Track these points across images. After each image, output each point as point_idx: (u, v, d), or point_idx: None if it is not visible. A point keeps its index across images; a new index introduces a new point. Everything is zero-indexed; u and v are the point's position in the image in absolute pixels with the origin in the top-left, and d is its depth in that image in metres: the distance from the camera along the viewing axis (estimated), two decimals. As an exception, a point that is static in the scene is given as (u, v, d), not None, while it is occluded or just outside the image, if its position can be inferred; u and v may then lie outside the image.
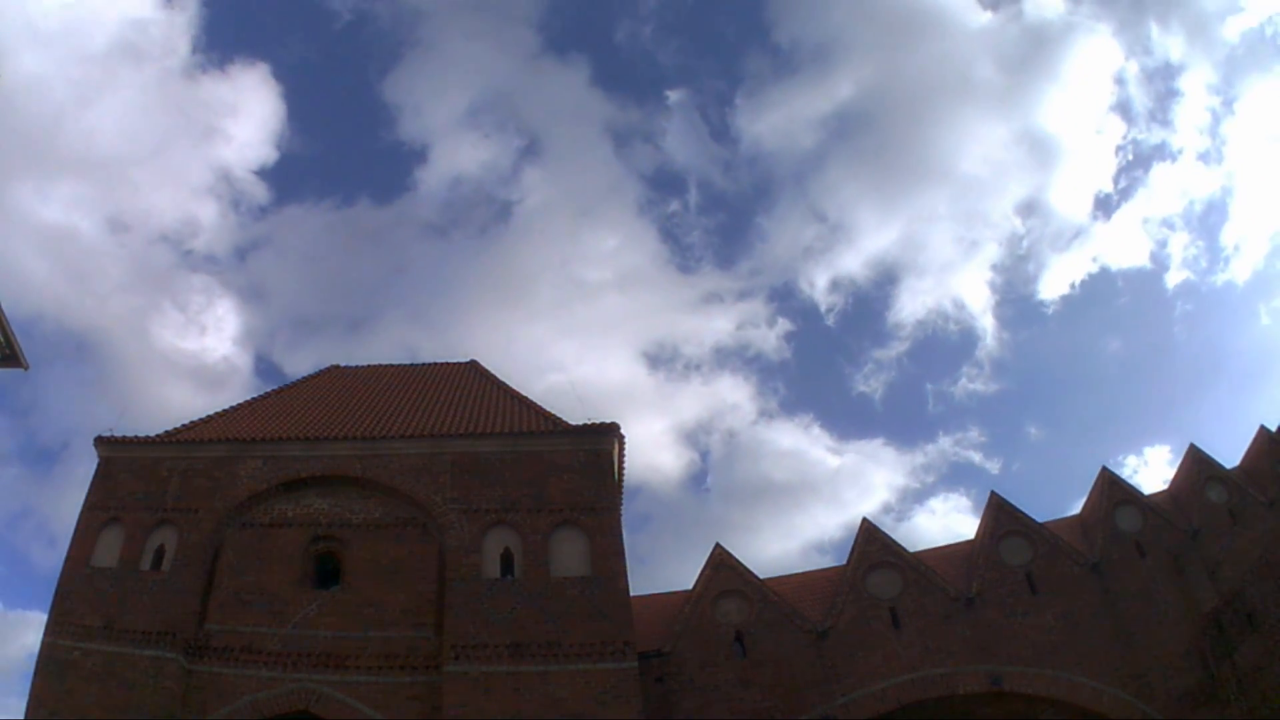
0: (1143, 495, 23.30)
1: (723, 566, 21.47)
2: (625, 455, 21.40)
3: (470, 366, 27.34)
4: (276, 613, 17.81)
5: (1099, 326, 69.94)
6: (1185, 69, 71.43)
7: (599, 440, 20.20)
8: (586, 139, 72.69)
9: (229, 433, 20.99)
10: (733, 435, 70.77)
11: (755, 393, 72.59)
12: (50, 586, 18.17)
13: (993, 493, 22.91)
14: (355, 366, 28.46)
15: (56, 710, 16.22)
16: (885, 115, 72.35)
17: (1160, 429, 69.11)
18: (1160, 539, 22.12)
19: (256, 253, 72.35)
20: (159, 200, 69.47)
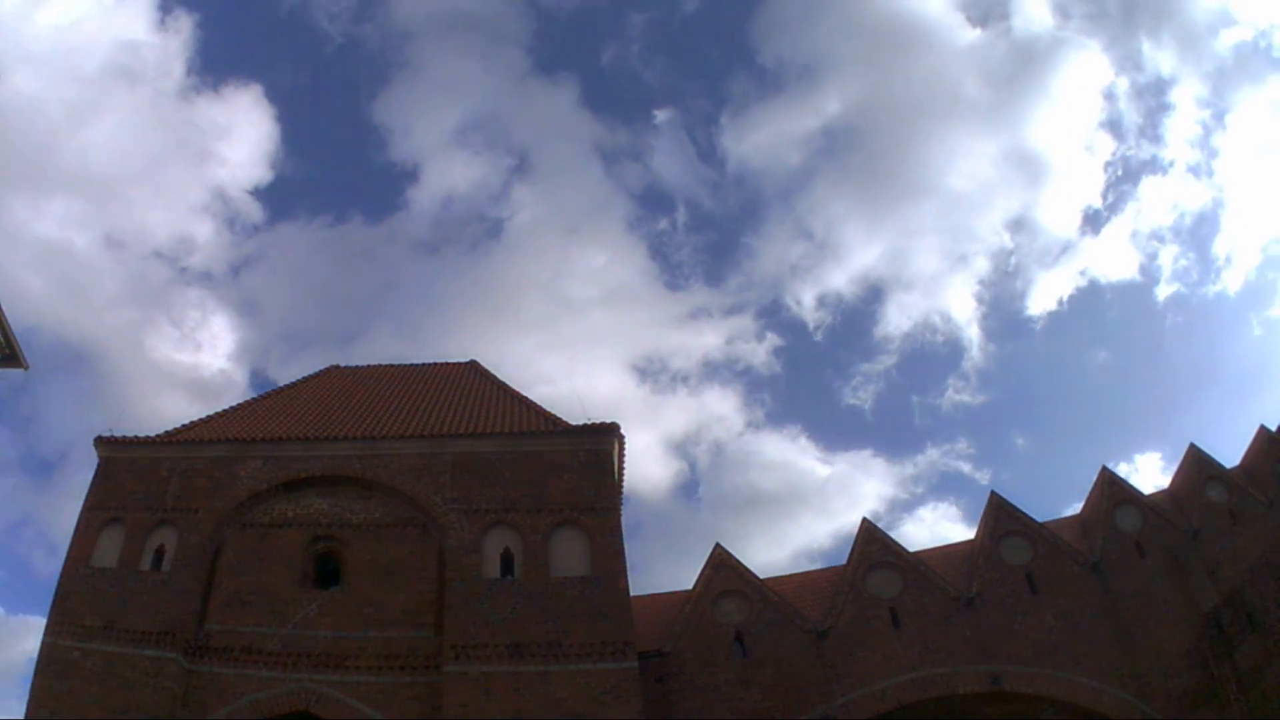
0: (1143, 495, 23.30)
1: (723, 566, 21.47)
2: (625, 455, 21.42)
3: (470, 366, 27.31)
4: (276, 613, 17.80)
5: (1088, 339, 70.29)
6: (1176, 82, 71.58)
7: (599, 440, 20.19)
8: (576, 157, 73.31)
9: (229, 433, 20.98)
10: (723, 446, 71.23)
11: (745, 404, 73.00)
12: (51, 591, 18.21)
13: (992, 493, 22.95)
14: (355, 366, 28.42)
15: (56, 710, 16.21)
16: (873, 132, 72.53)
17: (1153, 435, 69.27)
18: (1160, 539, 22.13)
19: (251, 269, 72.95)
20: (154, 217, 70.43)
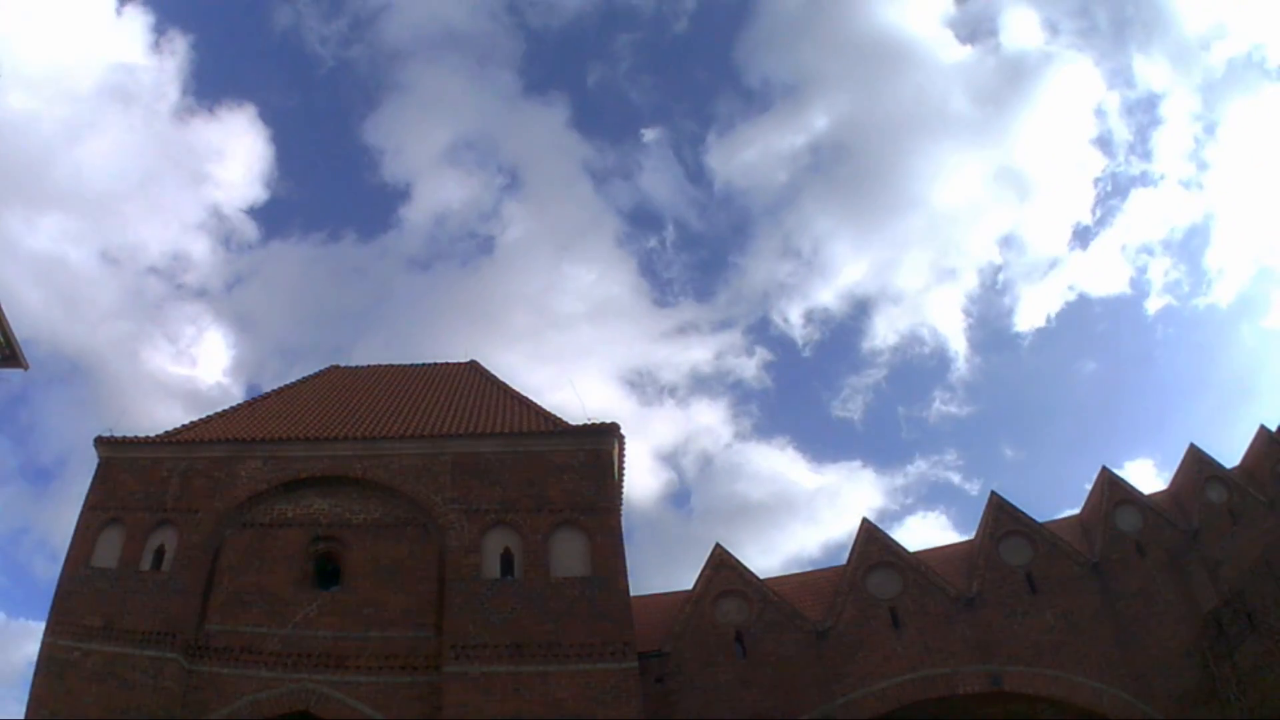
0: (1143, 495, 23.29)
1: (723, 566, 21.46)
2: (625, 456, 21.41)
3: (470, 366, 27.30)
4: (276, 613, 17.81)
5: (1077, 351, 70.64)
6: (1167, 95, 71.22)
7: (599, 440, 20.18)
8: (566, 176, 74.15)
9: (229, 433, 20.98)
10: (714, 457, 71.85)
11: (735, 416, 73.46)
12: (51, 596, 18.17)
13: (993, 493, 22.93)
14: (355, 367, 28.40)
15: (56, 710, 16.23)
16: (860, 148, 72.93)
17: (1144, 442, 69.41)
18: (1160, 539, 22.12)
19: (247, 285, 73.84)
20: (149, 235, 71.59)
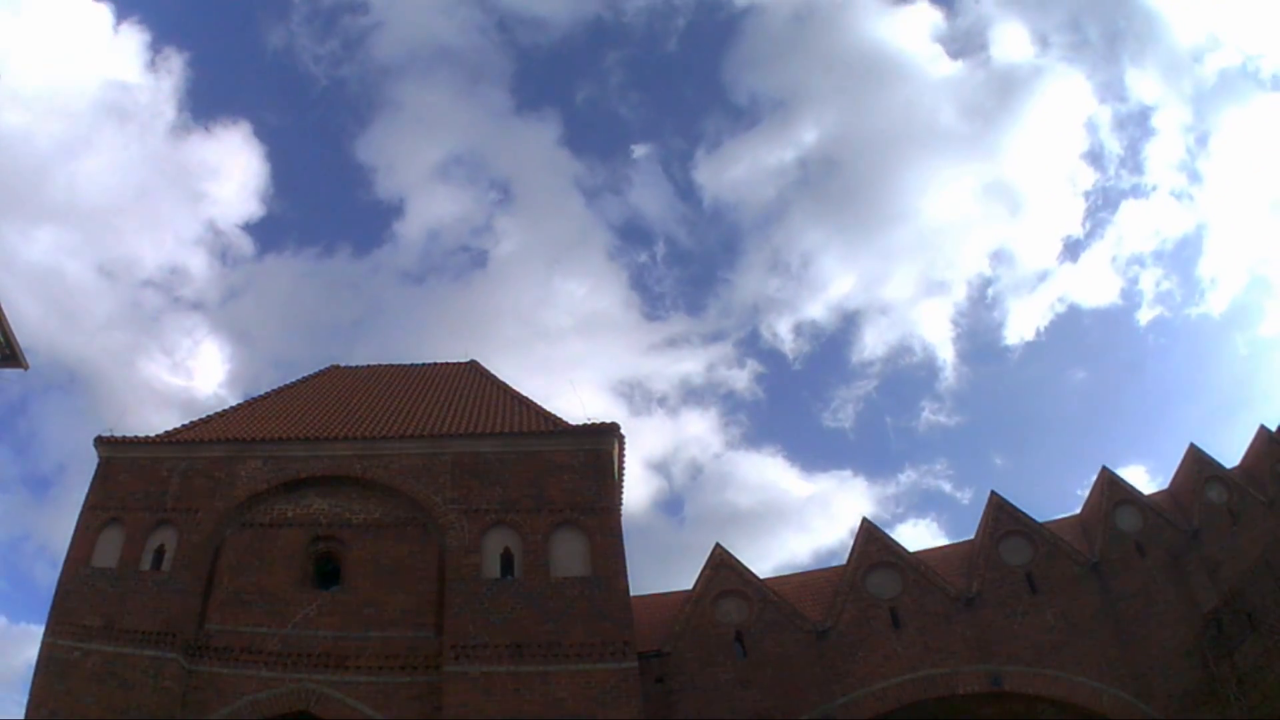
0: (1143, 495, 23.27)
1: (723, 566, 21.45)
2: (625, 456, 21.41)
3: (470, 366, 27.29)
4: (276, 613, 17.81)
5: (1067, 361, 70.63)
6: (1159, 107, 71.14)
7: (599, 440, 20.18)
8: (557, 191, 74.61)
9: (229, 433, 20.97)
10: (705, 465, 72.22)
11: (726, 426, 73.77)
12: (51, 601, 18.13)
13: (992, 492, 22.91)
14: (355, 366, 28.39)
15: (56, 710, 16.22)
16: (849, 163, 72.92)
17: (1138, 448, 69.27)
18: (1160, 539, 22.11)
19: (242, 299, 74.34)
20: (145, 250, 72.12)
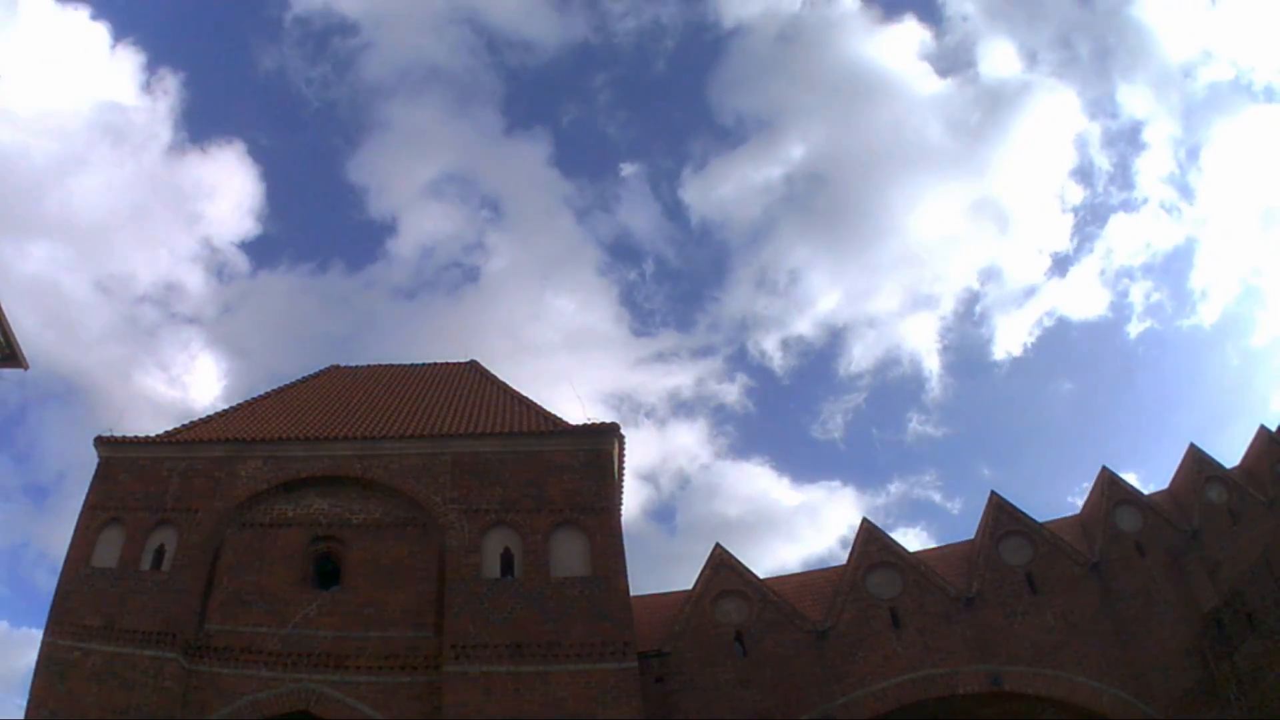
0: (1143, 495, 23.26)
1: (723, 566, 21.44)
2: (625, 456, 21.41)
3: (470, 366, 27.30)
4: (276, 613, 17.82)
5: (1055, 375, 71.12)
6: (1150, 121, 71.31)
7: (599, 440, 20.19)
8: (547, 209, 75.46)
9: (229, 433, 20.98)
10: (695, 476, 72.84)
11: (716, 437, 74.31)
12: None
13: (992, 492, 22.89)
14: (355, 366, 28.36)
15: (56, 710, 16.24)
16: (836, 179, 73.59)
17: (1130, 455, 69.63)
18: (1160, 539, 22.10)
19: (237, 314, 75.05)
20: (142, 265, 72.80)
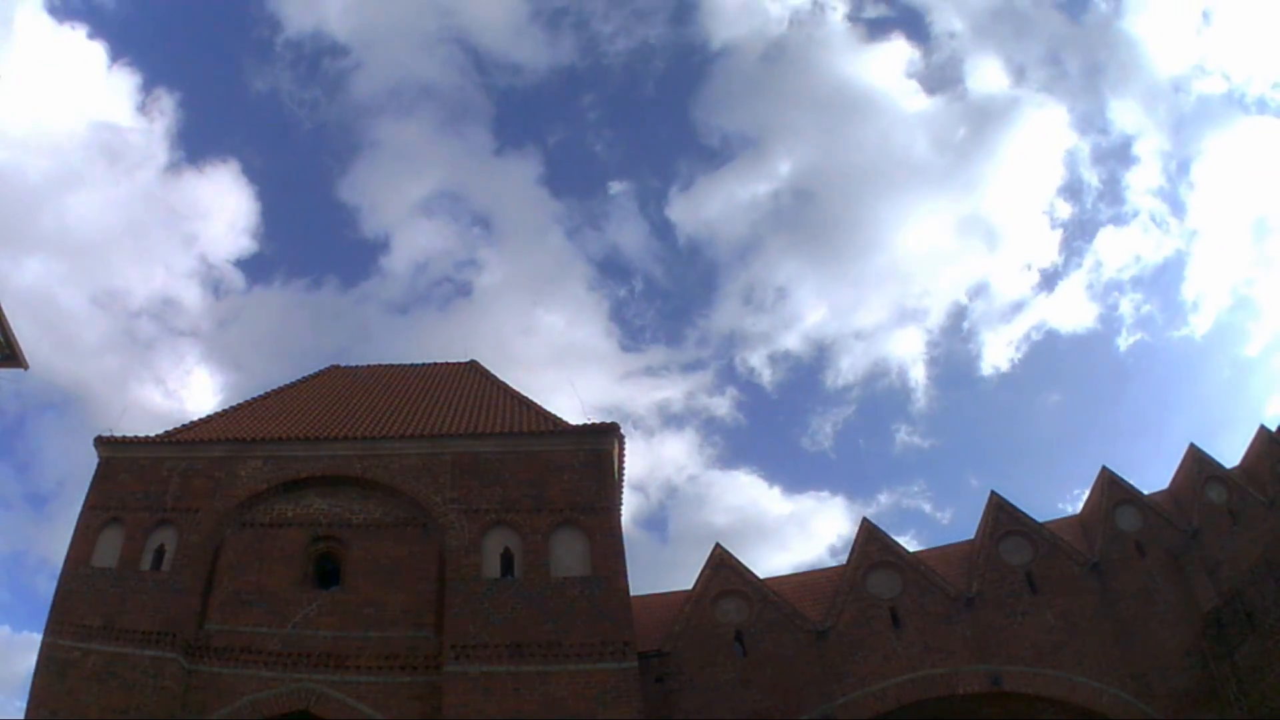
0: (1143, 495, 23.26)
1: (723, 566, 21.46)
2: (625, 456, 21.41)
3: (470, 366, 27.29)
4: (276, 613, 17.81)
5: (1042, 387, 71.12)
6: (1141, 135, 71.10)
7: (599, 440, 20.18)
8: (538, 227, 76.06)
9: (229, 433, 20.97)
10: (684, 486, 72.95)
11: (706, 447, 74.41)
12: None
13: (992, 492, 22.90)
14: (355, 366, 28.37)
15: (56, 710, 16.21)
16: (823, 194, 73.56)
17: (1122, 462, 69.38)
18: (1160, 539, 22.11)
19: (232, 329, 75.50)
20: (138, 281, 73.40)
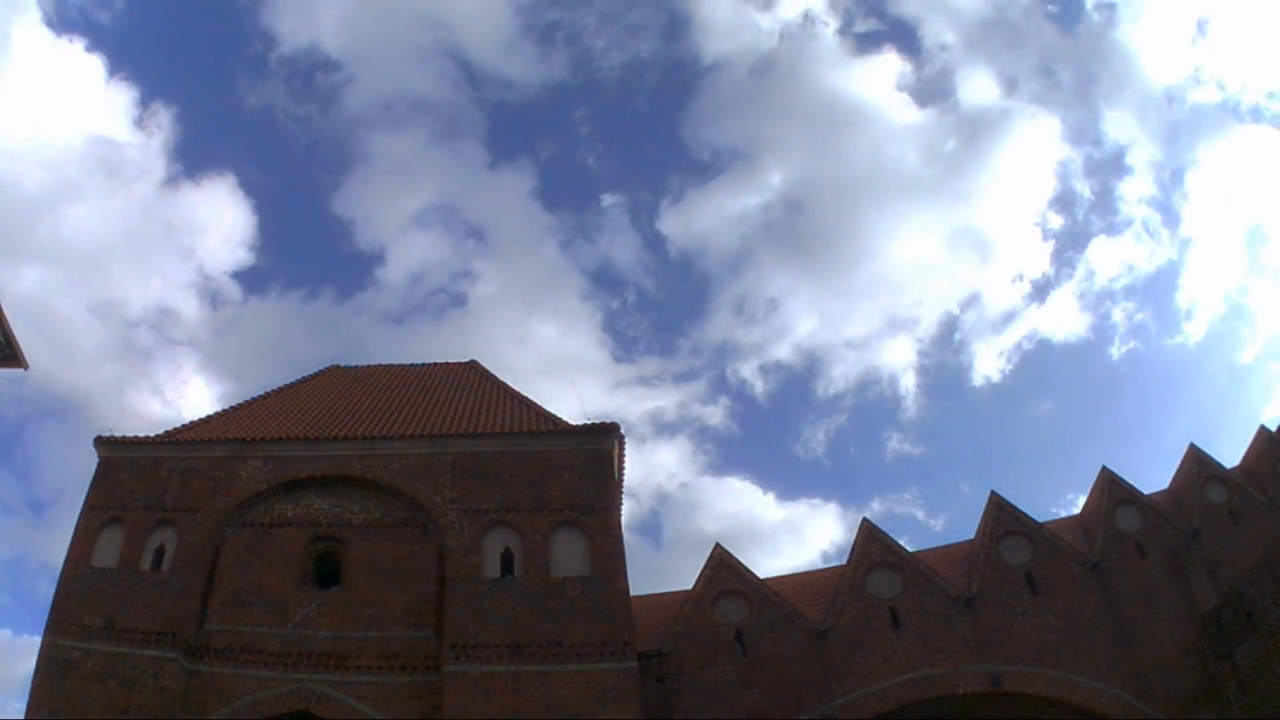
0: (1143, 495, 23.28)
1: (723, 566, 21.46)
2: (625, 456, 21.41)
3: (470, 366, 27.29)
4: (276, 613, 17.81)
5: (1033, 395, 71.53)
6: (1134, 145, 71.66)
7: (599, 440, 20.18)
8: (531, 239, 76.64)
9: (229, 433, 20.97)
10: (678, 493, 73.37)
11: (697, 455, 74.94)
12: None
13: (992, 492, 22.90)
14: (355, 366, 28.37)
15: (56, 710, 16.22)
16: (814, 206, 74.11)
17: (1122, 462, 69.48)
18: (1160, 539, 22.12)
19: (229, 339, 75.84)
20: (135, 292, 74.01)
